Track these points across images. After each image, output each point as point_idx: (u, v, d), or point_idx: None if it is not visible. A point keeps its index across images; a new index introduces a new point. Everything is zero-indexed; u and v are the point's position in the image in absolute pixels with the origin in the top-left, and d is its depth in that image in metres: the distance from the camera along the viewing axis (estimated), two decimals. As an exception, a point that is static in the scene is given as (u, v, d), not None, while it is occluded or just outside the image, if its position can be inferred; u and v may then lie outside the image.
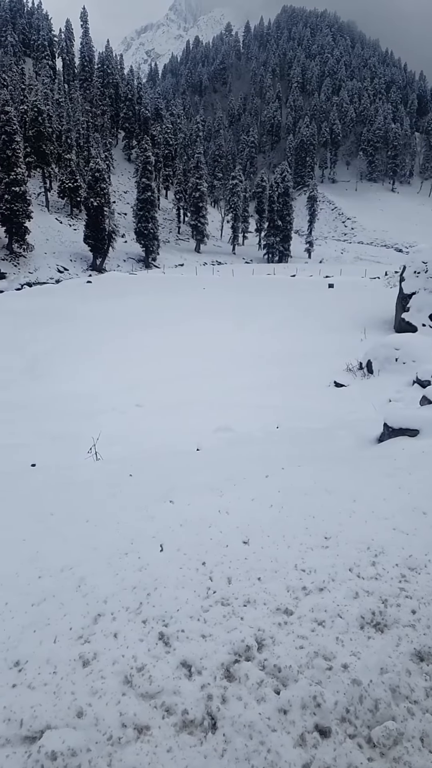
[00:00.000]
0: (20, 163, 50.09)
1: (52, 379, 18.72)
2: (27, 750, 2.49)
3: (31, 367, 20.47)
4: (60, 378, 18.68)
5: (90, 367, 19.58)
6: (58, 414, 14.66)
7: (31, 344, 23.28)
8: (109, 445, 9.74)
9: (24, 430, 13.36)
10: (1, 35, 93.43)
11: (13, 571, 3.92)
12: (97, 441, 9.37)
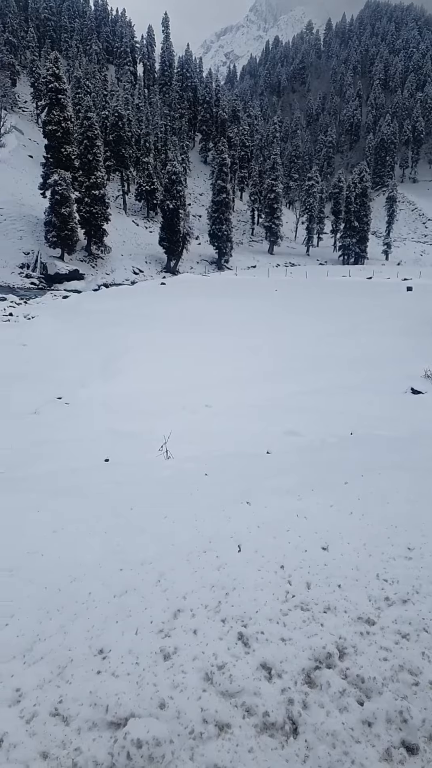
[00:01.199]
0: (100, 167, 51.89)
1: (124, 377, 19.24)
2: (113, 735, 2.58)
3: (106, 365, 21.14)
4: (132, 377, 19.16)
5: (161, 366, 19.96)
6: (130, 412, 15.06)
7: (106, 344, 24.02)
8: (178, 444, 9.89)
9: (98, 426, 13.84)
10: (86, 44, 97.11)
11: (96, 562, 4.07)
12: (168, 439, 9.54)
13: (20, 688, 2.92)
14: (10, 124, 61.60)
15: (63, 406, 16.55)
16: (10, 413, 15.33)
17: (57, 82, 47.66)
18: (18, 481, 6.99)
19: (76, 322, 29.38)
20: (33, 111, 78.67)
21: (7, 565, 4.06)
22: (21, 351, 24.03)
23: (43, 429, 14.08)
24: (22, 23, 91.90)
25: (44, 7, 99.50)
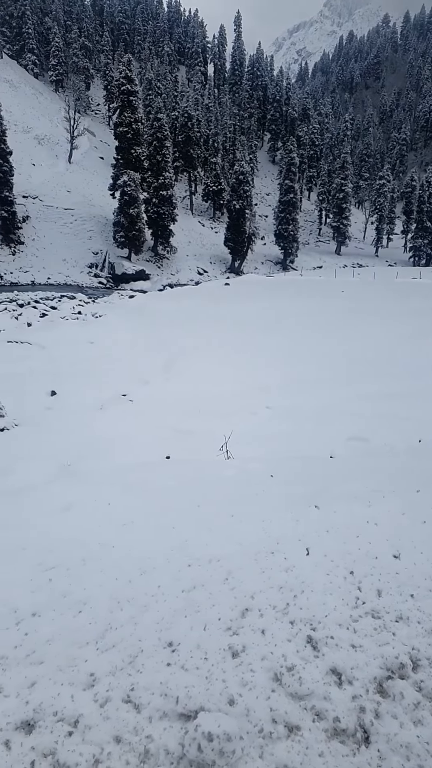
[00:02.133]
0: (169, 168, 52.68)
1: (186, 376, 19.46)
2: (183, 726, 2.64)
3: (168, 364, 21.46)
4: (194, 376, 19.35)
5: (223, 367, 20.05)
6: (190, 411, 15.24)
7: (169, 343, 24.38)
8: (239, 444, 9.91)
9: (159, 423, 14.10)
10: (158, 46, 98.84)
11: (164, 557, 4.16)
12: (228, 439, 9.58)
13: (94, 673, 3.04)
14: (83, 126, 63.58)
15: (127, 403, 16.97)
16: (77, 408, 15.88)
17: (129, 84, 48.77)
18: (85, 474, 7.23)
19: (140, 322, 30.01)
20: (105, 113, 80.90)
21: (80, 554, 4.22)
22: (88, 348, 24.80)
23: (108, 424, 14.49)
24: (97, 27, 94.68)
25: (119, 11, 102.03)
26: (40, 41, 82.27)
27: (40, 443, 12.13)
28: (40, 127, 63.46)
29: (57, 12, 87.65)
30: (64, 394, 17.21)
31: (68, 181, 55.93)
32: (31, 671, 3.08)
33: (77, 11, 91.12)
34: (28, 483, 6.29)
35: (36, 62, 79.46)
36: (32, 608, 3.60)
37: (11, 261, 42.54)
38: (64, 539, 4.47)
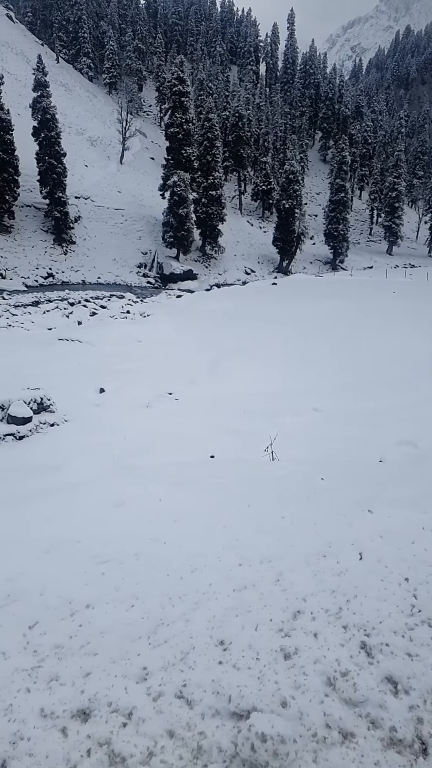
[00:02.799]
0: (218, 168, 52.80)
1: (231, 376, 19.48)
2: (236, 725, 2.65)
3: (214, 364, 21.53)
4: (239, 376, 19.34)
5: (269, 368, 19.95)
6: (235, 411, 15.25)
7: (215, 343, 24.46)
8: (285, 446, 9.83)
9: (203, 422, 14.17)
10: (210, 46, 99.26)
11: (215, 555, 4.18)
12: (274, 440, 9.52)
13: (147, 667, 3.09)
14: (135, 127, 64.52)
15: (172, 402, 17.14)
16: (124, 405, 16.15)
17: (181, 85, 49.18)
18: (136, 471, 7.34)
19: (187, 321, 30.25)
20: (156, 114, 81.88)
21: (132, 549, 4.29)
22: (136, 347, 25.19)
23: (154, 422, 14.68)
24: (150, 30, 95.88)
25: (172, 13, 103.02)
26: (95, 45, 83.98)
27: (90, 439, 12.39)
28: (93, 129, 64.78)
29: (112, 15, 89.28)
30: (112, 391, 17.54)
31: (119, 182, 56.88)
32: (86, 662, 3.15)
33: (132, 14, 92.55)
34: (83, 478, 6.45)
35: (91, 66, 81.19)
36: (86, 600, 3.69)
37: (63, 260, 43.60)
38: (117, 534, 4.56)
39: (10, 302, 33.64)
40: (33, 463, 9.29)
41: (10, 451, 12.25)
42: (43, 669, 3.09)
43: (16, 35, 72.87)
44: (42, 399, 14.64)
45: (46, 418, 14.49)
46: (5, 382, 15.99)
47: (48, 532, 4.59)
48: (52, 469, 7.96)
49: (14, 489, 6.25)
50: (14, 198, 41.60)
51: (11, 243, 41.41)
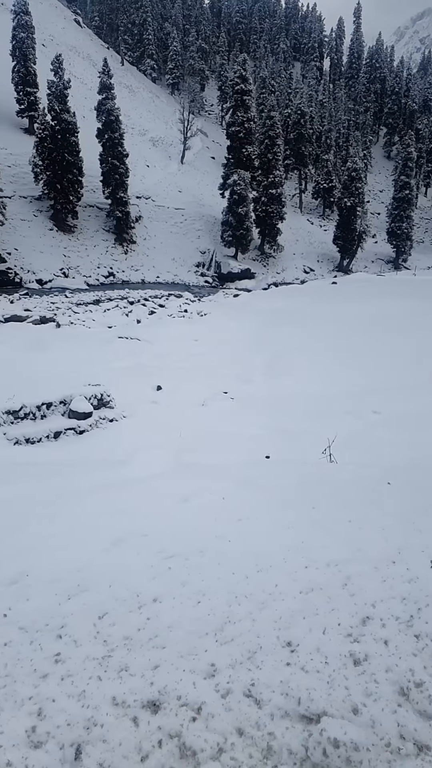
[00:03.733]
0: (279, 166, 52.43)
1: (288, 376, 19.30)
2: (306, 729, 2.63)
3: (270, 364, 21.40)
4: (296, 376, 19.14)
5: (327, 368, 19.64)
6: (291, 412, 15.11)
7: (273, 342, 24.31)
8: (343, 449, 9.66)
9: (258, 422, 14.12)
10: (274, 43, 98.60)
11: (281, 556, 4.16)
12: (333, 442, 9.36)
13: (215, 664, 3.11)
14: (196, 127, 64.99)
15: (228, 401, 17.18)
16: (181, 403, 16.34)
17: (243, 83, 49.14)
18: (198, 468, 7.41)
19: (244, 321, 30.19)
20: (218, 113, 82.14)
21: (198, 546, 4.33)
22: (193, 346, 25.40)
23: (209, 420, 14.78)
24: (214, 29, 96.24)
25: (236, 11, 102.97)
26: (159, 46, 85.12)
27: (148, 435, 12.61)
28: (155, 130, 65.73)
29: (176, 17, 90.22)
30: (169, 389, 17.77)
31: (180, 182, 57.46)
32: (154, 654, 3.21)
33: (196, 14, 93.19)
34: (147, 473, 6.57)
35: (154, 67, 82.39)
36: (153, 594, 3.75)
37: (124, 260, 44.49)
38: (183, 529, 4.61)
39: (72, 300, 34.62)
40: (97, 458, 9.54)
41: (71, 445, 12.63)
42: (114, 659, 3.17)
43: (83, 40, 74.90)
44: (102, 395, 15.02)
45: (106, 413, 14.86)
46: (67, 378, 16.49)
47: (115, 525, 4.70)
48: (116, 464, 8.15)
49: (81, 482, 6.44)
50: (78, 198, 42.77)
51: (74, 242, 42.62)
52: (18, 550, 4.34)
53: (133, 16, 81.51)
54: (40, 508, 5.28)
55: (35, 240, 39.83)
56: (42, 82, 45.62)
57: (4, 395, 13.18)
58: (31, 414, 13.37)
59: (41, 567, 4.07)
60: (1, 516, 5.06)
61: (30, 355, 19.77)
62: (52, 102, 41.24)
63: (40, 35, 54.51)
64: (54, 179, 40.57)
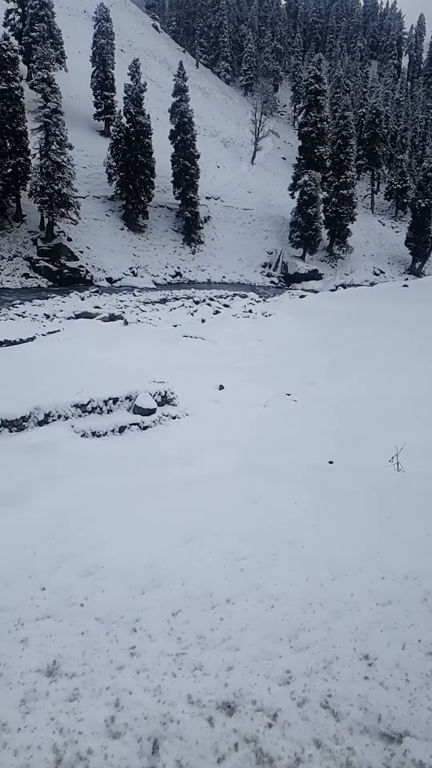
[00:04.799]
0: (351, 166, 51.47)
1: (354, 379, 18.85)
2: (388, 748, 2.53)
3: (335, 366, 20.98)
4: (363, 379, 18.67)
5: (397, 373, 19.05)
6: (356, 416, 14.73)
7: (338, 344, 23.83)
8: (411, 457, 9.30)
9: (321, 425, 13.87)
10: (350, 42, 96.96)
11: (356, 565, 4.05)
12: (401, 450, 9.03)
13: (290, 670, 3.05)
14: (268, 128, 64.81)
15: (290, 403, 16.99)
16: (243, 403, 16.31)
17: (317, 83, 48.58)
18: (266, 470, 7.34)
19: (310, 322, 29.80)
20: (290, 114, 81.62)
21: (270, 549, 4.29)
22: (257, 346, 25.32)
23: (272, 422, 14.66)
24: (290, 30, 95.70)
25: (313, 11, 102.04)
26: (234, 48, 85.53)
27: (212, 434, 12.67)
28: (227, 131, 66.07)
29: (252, 19, 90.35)
30: (231, 389, 17.77)
31: (249, 182, 57.50)
32: (228, 656, 3.19)
33: (272, 16, 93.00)
34: (214, 472, 6.59)
35: (228, 69, 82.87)
36: (226, 595, 3.73)
37: (191, 260, 44.97)
38: (254, 532, 4.58)
39: (140, 299, 35.35)
40: (163, 454, 9.67)
41: (136, 440, 12.89)
42: (188, 657, 3.17)
43: (160, 44, 76.37)
44: (166, 392, 15.24)
45: (169, 410, 15.06)
46: (133, 375, 16.83)
47: (187, 523, 4.73)
48: (183, 461, 8.22)
49: (152, 478, 6.53)
50: (149, 199, 43.61)
51: (144, 242, 43.49)
52: (93, 542, 4.44)
53: (210, 20, 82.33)
54: (113, 501, 5.39)
55: (106, 239, 40.94)
56: (119, 86, 46.89)
57: (73, 389, 13.60)
58: (98, 408, 13.73)
59: (115, 560, 4.14)
60: (76, 508, 5.20)
61: (98, 351, 20.30)
62: (128, 105, 42.25)
63: (119, 41, 56.02)
64: (126, 180, 41.55)
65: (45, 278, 34.90)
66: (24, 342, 22.32)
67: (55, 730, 2.58)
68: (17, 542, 4.37)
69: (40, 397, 12.68)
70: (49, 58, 35.23)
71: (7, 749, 2.45)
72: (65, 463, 7.50)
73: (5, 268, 33.80)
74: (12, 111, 34.48)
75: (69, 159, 34.97)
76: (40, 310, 29.16)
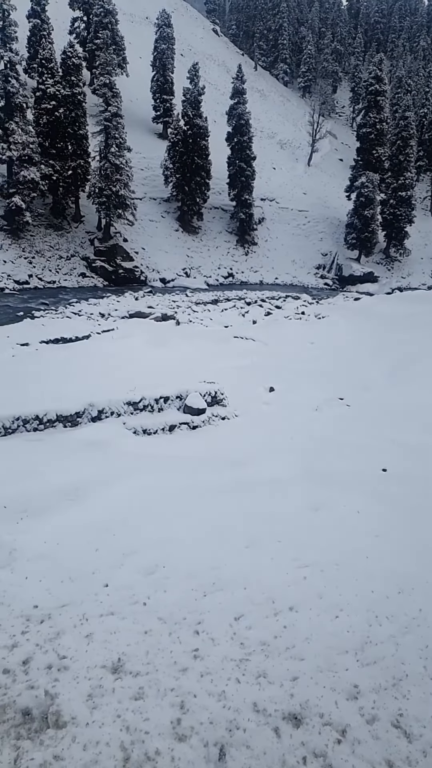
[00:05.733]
0: (411, 168, 50.19)
1: (413, 386, 18.28)
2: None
3: (392, 371, 20.42)
4: (421, 386, 18.09)
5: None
6: (414, 423, 14.24)
7: (394, 349, 23.20)
8: None
9: (377, 433, 13.46)
10: (413, 41, 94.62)
11: (423, 579, 3.91)
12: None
13: (358, 685, 2.96)
14: (325, 129, 64.03)
15: (343, 407, 16.58)
16: (294, 406, 16.04)
17: (378, 84, 47.63)
18: (325, 476, 7.16)
19: (365, 325, 29.18)
20: (349, 115, 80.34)
21: (332, 558, 4.19)
22: (309, 348, 24.94)
23: (325, 426, 14.33)
24: (351, 30, 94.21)
25: (375, 11, 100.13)
26: (293, 50, 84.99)
27: (263, 436, 12.54)
28: (284, 132, 65.67)
29: (312, 20, 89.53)
30: (282, 391, 17.54)
31: (305, 184, 56.96)
32: (292, 665, 3.12)
33: (333, 17, 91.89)
34: (273, 476, 6.49)
35: (287, 71, 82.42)
36: (289, 602, 3.67)
37: (244, 261, 44.92)
38: (317, 539, 4.49)
39: (192, 299, 35.54)
40: (216, 455, 9.64)
41: (186, 440, 12.90)
42: (251, 663, 3.13)
43: (219, 48, 76.75)
44: (216, 393, 15.18)
45: (218, 411, 14.98)
46: (183, 374, 16.89)
47: (247, 527, 4.68)
48: (238, 463, 8.15)
49: (210, 479, 6.47)
50: (204, 200, 43.80)
51: (197, 243, 43.75)
52: (153, 540, 4.46)
53: (270, 23, 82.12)
54: (170, 501, 5.39)
55: (161, 240, 41.40)
56: (178, 89, 47.36)
57: (125, 386, 13.77)
58: (150, 406, 13.84)
59: (177, 560, 4.14)
60: (135, 506, 5.24)
61: (150, 350, 20.51)
62: (186, 108, 42.63)
63: (179, 45, 56.62)
64: (182, 182, 41.91)
65: (101, 278, 35.61)
66: (80, 340, 22.79)
67: (122, 728, 2.58)
68: (81, 538, 4.44)
69: (94, 393, 12.89)
70: (111, 64, 35.95)
71: (77, 743, 2.47)
72: (122, 461, 7.58)
73: (63, 267, 34.69)
74: (74, 115, 35.37)
75: (127, 161, 35.57)
76: (96, 308, 29.76)
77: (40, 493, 5.11)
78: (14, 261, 32.68)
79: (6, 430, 11.30)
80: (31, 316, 26.37)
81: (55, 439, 10.39)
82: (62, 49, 36.23)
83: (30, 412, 11.76)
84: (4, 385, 13.70)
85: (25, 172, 31.99)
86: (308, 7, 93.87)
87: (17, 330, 23.57)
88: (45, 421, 11.93)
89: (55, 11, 47.56)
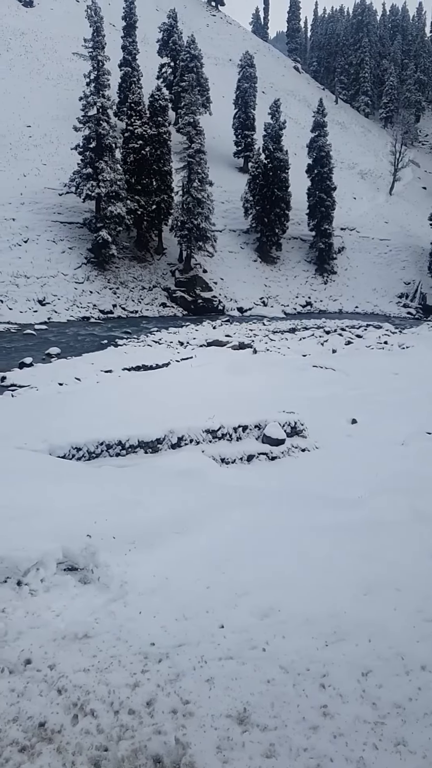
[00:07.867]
0: None
1: None
2: None
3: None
4: None
5: None
6: None
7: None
8: None
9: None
10: None
11: None
12: None
13: None
14: (408, 158, 63.18)
15: (431, 442, 15.80)
16: (378, 440, 15.39)
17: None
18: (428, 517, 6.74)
19: (454, 357, 27.98)
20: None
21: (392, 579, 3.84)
22: (392, 379, 24.11)
23: (410, 462, 13.65)
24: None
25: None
26: (374, 83, 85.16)
27: (348, 470, 12.12)
28: (365, 163, 65.44)
29: (395, 53, 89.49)
30: (365, 423, 16.94)
31: (387, 213, 56.21)
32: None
33: (416, 49, 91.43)
34: (376, 516, 6.16)
35: (368, 103, 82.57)
36: (420, 660, 3.37)
37: (323, 290, 44.62)
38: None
39: (269, 328, 35.53)
40: (306, 490, 9.37)
41: (266, 470, 12.67)
42: (387, 728, 2.87)
43: (300, 84, 78.25)
44: (295, 423, 14.83)
45: (298, 442, 14.60)
46: (261, 403, 16.69)
47: (364, 572, 4.41)
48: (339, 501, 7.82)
49: (310, 515, 6.23)
50: (283, 231, 44.16)
51: (275, 273, 43.97)
52: (264, 581, 4.29)
53: (351, 57, 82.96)
54: (276, 538, 5.20)
55: (240, 270, 41.97)
56: (259, 125, 48.53)
57: (204, 414, 13.76)
58: (228, 435, 13.70)
59: (291, 604, 3.94)
60: (240, 542, 5.10)
61: (227, 378, 20.53)
62: (267, 142, 43.55)
63: (261, 83, 58.17)
64: (262, 213, 42.53)
65: (180, 307, 36.46)
66: (159, 367, 23.27)
67: (259, 791, 2.41)
68: (190, 573, 4.34)
69: (174, 420, 12.96)
70: (195, 104, 37.50)
71: (214, 803, 2.32)
72: (214, 492, 7.49)
73: (145, 298, 35.82)
74: (160, 153, 36.97)
75: (209, 195, 36.59)
76: (175, 337, 30.40)
77: (146, 524, 5.08)
78: (100, 291, 34.14)
79: (90, 454, 11.53)
80: (115, 344, 27.30)
81: (142, 466, 10.46)
82: (150, 93, 38.24)
83: (113, 437, 11.94)
84: (88, 410, 14.10)
85: (112, 208, 33.64)
86: (390, 40, 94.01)
87: (102, 357, 24.42)
88: (127, 447, 12.06)
89: (144, 59, 50.48)
